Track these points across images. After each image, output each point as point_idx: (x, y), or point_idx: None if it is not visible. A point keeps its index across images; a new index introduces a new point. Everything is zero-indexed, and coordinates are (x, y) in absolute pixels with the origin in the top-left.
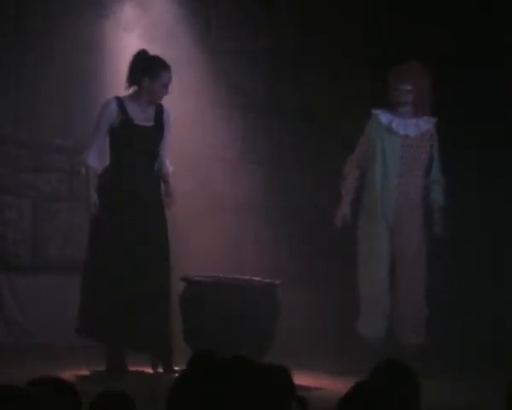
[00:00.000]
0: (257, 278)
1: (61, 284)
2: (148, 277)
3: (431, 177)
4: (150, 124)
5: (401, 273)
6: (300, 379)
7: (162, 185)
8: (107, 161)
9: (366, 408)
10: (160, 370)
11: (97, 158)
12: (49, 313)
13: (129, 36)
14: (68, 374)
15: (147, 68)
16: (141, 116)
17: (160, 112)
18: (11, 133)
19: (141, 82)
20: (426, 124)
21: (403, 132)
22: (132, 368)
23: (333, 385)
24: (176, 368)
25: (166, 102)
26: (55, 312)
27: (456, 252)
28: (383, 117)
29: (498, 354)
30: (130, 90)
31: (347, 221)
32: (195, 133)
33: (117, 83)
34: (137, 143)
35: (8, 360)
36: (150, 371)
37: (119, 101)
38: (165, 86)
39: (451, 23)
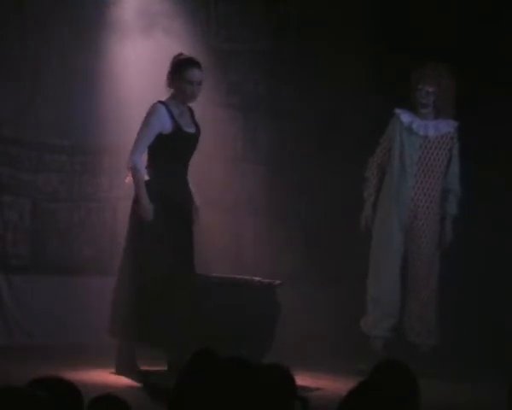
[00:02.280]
0: (257, 278)
1: (61, 284)
2: (184, 277)
3: (447, 183)
4: (193, 131)
5: (415, 273)
6: (300, 379)
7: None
8: None
9: (366, 409)
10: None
11: (142, 162)
12: (49, 313)
13: (128, 35)
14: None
15: (174, 69)
16: (183, 121)
17: (193, 115)
18: (11, 133)
19: (173, 83)
20: (446, 126)
21: (422, 133)
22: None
23: (333, 385)
24: None
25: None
26: (55, 312)
27: (456, 252)
28: (404, 117)
29: (498, 354)
30: (168, 95)
31: (370, 224)
32: None
33: (117, 83)
34: (186, 150)
35: (8, 360)
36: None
37: (166, 106)
38: (191, 82)
39: (451, 23)
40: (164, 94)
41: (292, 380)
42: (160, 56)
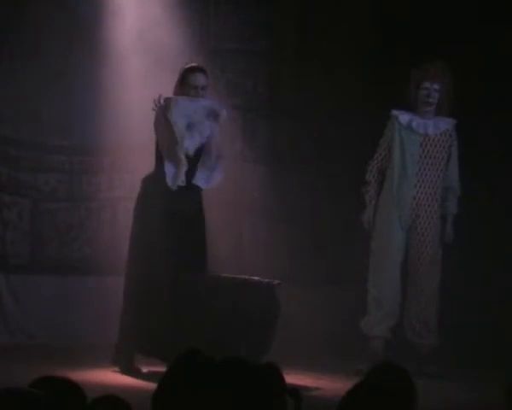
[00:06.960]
0: (256, 278)
1: (61, 284)
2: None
3: (447, 182)
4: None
5: (416, 272)
6: (300, 379)
7: None
8: None
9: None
10: None
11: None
12: (49, 313)
13: (128, 35)
14: None
15: (180, 77)
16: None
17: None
18: (11, 133)
19: (178, 91)
20: (445, 124)
21: (422, 131)
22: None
23: (333, 385)
24: None
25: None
26: (55, 312)
27: (456, 252)
28: (402, 118)
29: (498, 354)
30: None
31: (371, 226)
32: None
33: (117, 83)
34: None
35: (8, 360)
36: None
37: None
38: (195, 87)
39: (452, 23)
40: (164, 92)
41: (280, 376)
42: (159, 56)
